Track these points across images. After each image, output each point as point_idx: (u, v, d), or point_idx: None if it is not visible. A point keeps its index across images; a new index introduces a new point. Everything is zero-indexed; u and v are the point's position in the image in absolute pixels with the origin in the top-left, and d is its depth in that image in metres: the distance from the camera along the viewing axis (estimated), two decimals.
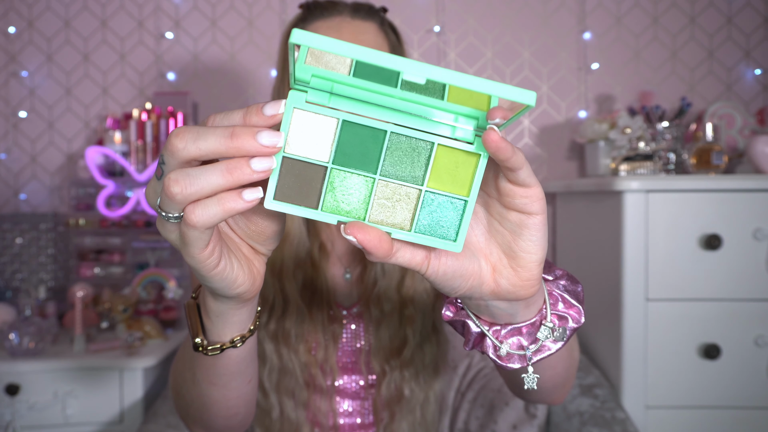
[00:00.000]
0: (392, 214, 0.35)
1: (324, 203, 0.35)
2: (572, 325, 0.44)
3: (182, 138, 0.32)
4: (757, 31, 1.70)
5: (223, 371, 0.52)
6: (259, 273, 0.42)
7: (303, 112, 0.34)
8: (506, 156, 0.33)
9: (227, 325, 0.46)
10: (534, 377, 0.43)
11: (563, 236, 1.61)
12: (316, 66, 0.34)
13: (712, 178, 1.18)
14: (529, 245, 0.37)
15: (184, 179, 0.32)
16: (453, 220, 0.36)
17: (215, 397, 0.56)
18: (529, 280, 0.38)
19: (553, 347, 0.43)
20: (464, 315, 0.44)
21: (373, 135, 0.35)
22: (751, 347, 1.17)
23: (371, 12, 0.84)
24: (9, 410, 1.23)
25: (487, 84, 0.30)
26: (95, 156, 1.51)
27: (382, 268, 0.83)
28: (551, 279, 0.46)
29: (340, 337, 0.86)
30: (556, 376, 0.58)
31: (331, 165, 0.34)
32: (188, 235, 0.34)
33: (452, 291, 0.39)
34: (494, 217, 0.39)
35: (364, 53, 0.29)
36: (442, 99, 0.35)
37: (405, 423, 0.85)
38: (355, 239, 0.33)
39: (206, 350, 0.47)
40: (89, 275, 1.54)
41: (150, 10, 1.71)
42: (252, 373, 0.56)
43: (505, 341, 0.43)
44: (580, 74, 1.71)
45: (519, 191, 0.36)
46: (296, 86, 0.34)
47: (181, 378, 0.61)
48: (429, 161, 0.35)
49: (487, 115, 0.34)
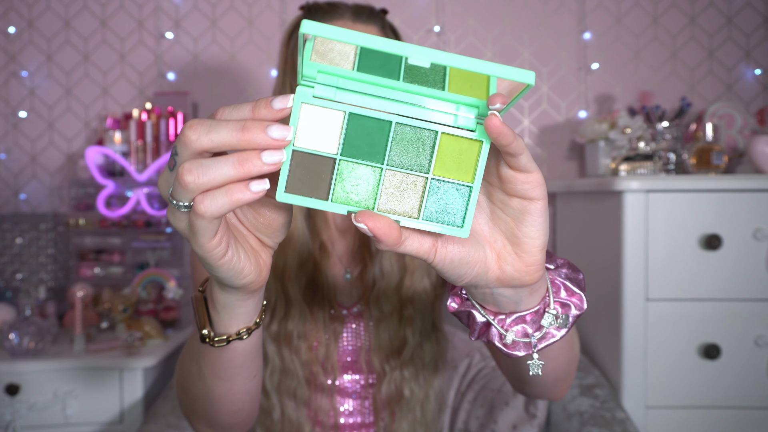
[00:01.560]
0: (400, 202, 0.36)
1: (334, 194, 0.36)
2: (575, 312, 0.45)
3: (195, 130, 0.33)
4: (757, 31, 1.70)
5: (229, 364, 0.53)
6: (265, 264, 0.43)
7: (311, 107, 0.35)
8: (507, 141, 0.34)
9: (234, 316, 0.47)
10: (539, 364, 0.44)
11: (563, 236, 1.61)
12: (321, 62, 0.35)
13: (712, 178, 1.18)
14: (531, 230, 0.38)
15: (197, 169, 0.33)
16: (459, 206, 0.37)
17: (221, 391, 0.56)
18: (532, 265, 0.39)
19: (557, 334, 0.44)
20: (469, 305, 0.45)
21: (379, 126, 0.36)
22: (751, 347, 1.17)
23: (372, 15, 0.84)
24: (9, 410, 1.23)
25: (487, 65, 0.31)
26: (95, 156, 1.51)
27: (381, 271, 0.84)
28: (553, 268, 0.47)
29: (341, 336, 0.86)
30: (559, 368, 0.59)
31: (339, 157, 0.36)
32: (197, 225, 0.35)
33: (459, 279, 0.40)
34: (497, 205, 0.40)
35: (371, 41, 0.30)
36: (443, 89, 0.36)
37: (405, 422, 0.85)
38: (366, 227, 0.34)
39: (213, 342, 0.48)
40: (89, 275, 1.54)
41: (150, 10, 1.71)
42: (257, 368, 0.57)
43: (510, 329, 0.44)
44: (580, 74, 1.71)
45: (520, 177, 0.37)
46: (303, 82, 0.35)
47: (187, 372, 0.61)
48: (434, 150, 0.36)
49: (487, 101, 0.35)
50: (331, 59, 0.36)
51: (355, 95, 0.36)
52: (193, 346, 0.59)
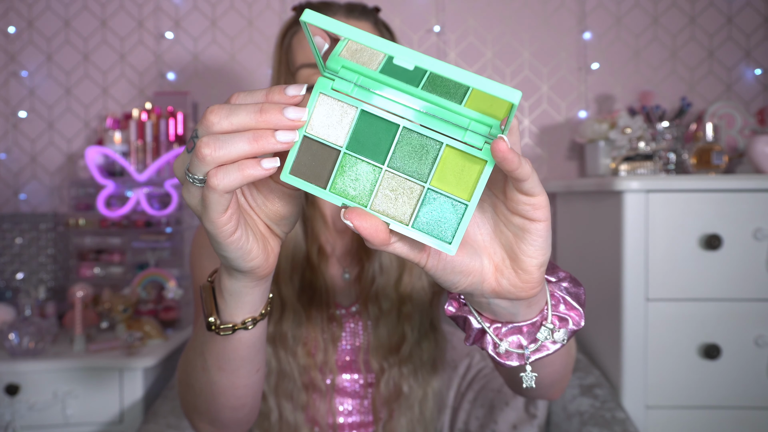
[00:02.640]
0: (394, 205, 0.37)
1: (332, 184, 0.37)
2: (572, 327, 0.44)
3: (216, 114, 0.35)
4: (757, 31, 1.70)
5: (234, 355, 0.54)
6: (273, 251, 0.44)
7: (327, 98, 0.37)
8: (513, 167, 0.34)
9: (240, 304, 0.48)
10: (532, 376, 0.44)
11: (563, 236, 1.61)
12: (350, 60, 0.37)
13: (712, 178, 1.18)
14: (530, 249, 0.38)
15: (215, 142, 0.35)
16: (452, 221, 0.36)
17: (224, 384, 0.57)
18: (529, 282, 0.39)
19: (552, 348, 0.44)
20: (466, 311, 0.45)
21: (387, 127, 0.37)
22: (751, 347, 1.17)
23: (365, 12, 0.85)
24: (9, 410, 1.23)
25: (469, 76, 0.31)
26: (95, 156, 1.51)
27: (380, 267, 0.84)
28: (554, 280, 0.46)
29: (339, 337, 0.86)
30: (554, 373, 0.59)
31: (344, 150, 0.37)
32: (209, 198, 0.36)
33: (452, 286, 0.40)
34: (500, 218, 0.39)
35: (358, 35, 0.31)
36: (460, 104, 0.36)
37: (404, 420, 0.86)
38: (352, 225, 0.35)
39: (219, 330, 0.49)
40: (89, 275, 1.54)
41: (150, 10, 1.71)
42: (260, 361, 0.57)
43: (505, 339, 0.44)
44: (580, 74, 1.71)
45: (523, 199, 0.36)
46: (326, 74, 0.37)
47: (192, 366, 0.61)
48: (436, 160, 0.36)
49: (500, 124, 0.35)
50: (359, 58, 0.37)
51: (370, 95, 0.37)
52: (198, 339, 0.60)
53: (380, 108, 0.37)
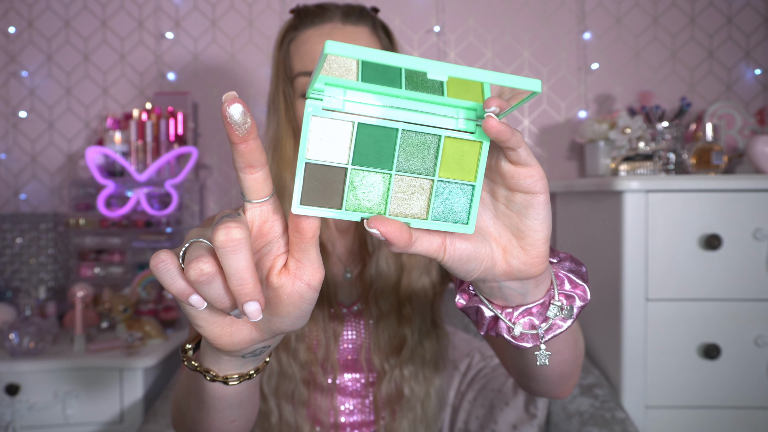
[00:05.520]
0: (409, 205, 0.38)
1: (347, 203, 0.37)
2: (579, 303, 0.46)
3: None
4: (757, 31, 1.70)
5: (203, 396, 0.50)
6: (242, 339, 0.41)
7: (320, 119, 0.36)
8: (506, 137, 0.36)
9: (219, 362, 0.45)
10: (546, 354, 0.46)
11: (563, 236, 1.61)
12: (330, 75, 0.37)
13: (712, 178, 1.18)
14: (535, 223, 0.40)
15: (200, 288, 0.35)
16: (463, 204, 0.39)
17: (196, 416, 0.55)
18: (537, 257, 0.41)
19: (563, 325, 0.46)
20: (477, 301, 0.47)
21: (387, 134, 0.37)
22: (751, 347, 1.17)
23: (362, 15, 0.83)
24: (9, 410, 1.23)
25: (500, 77, 0.33)
26: (95, 156, 1.51)
27: (377, 269, 0.84)
28: (556, 261, 0.48)
29: (341, 335, 0.86)
30: (564, 363, 0.60)
31: (350, 166, 0.37)
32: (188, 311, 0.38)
33: (468, 274, 0.41)
34: (500, 201, 0.41)
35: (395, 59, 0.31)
36: (442, 95, 0.38)
37: (405, 420, 0.86)
38: (378, 232, 0.36)
39: (188, 362, 0.47)
40: (89, 275, 1.54)
41: (150, 10, 1.71)
42: (238, 415, 0.54)
43: (518, 322, 0.45)
44: (580, 74, 1.71)
45: (522, 171, 0.38)
46: (312, 95, 0.36)
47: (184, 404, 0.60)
48: (438, 153, 0.38)
49: (483, 104, 0.37)
50: (336, 72, 0.37)
51: (361, 105, 0.37)
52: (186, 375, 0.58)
53: (374, 116, 0.37)
